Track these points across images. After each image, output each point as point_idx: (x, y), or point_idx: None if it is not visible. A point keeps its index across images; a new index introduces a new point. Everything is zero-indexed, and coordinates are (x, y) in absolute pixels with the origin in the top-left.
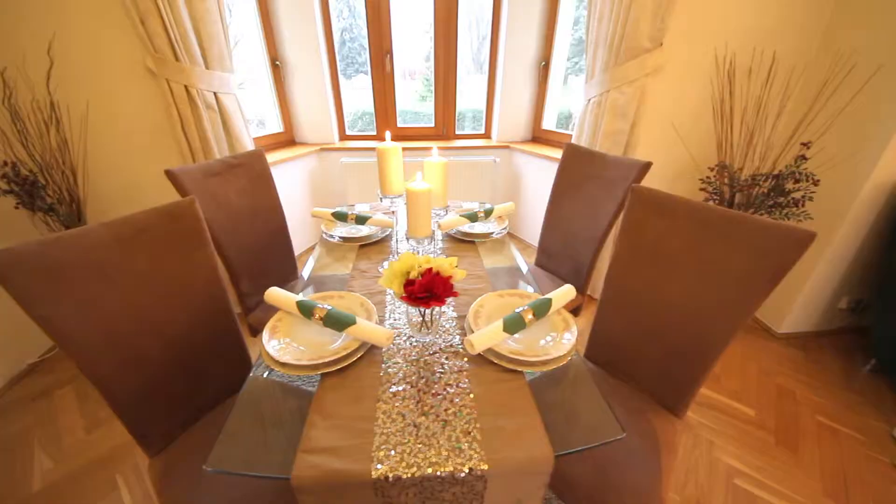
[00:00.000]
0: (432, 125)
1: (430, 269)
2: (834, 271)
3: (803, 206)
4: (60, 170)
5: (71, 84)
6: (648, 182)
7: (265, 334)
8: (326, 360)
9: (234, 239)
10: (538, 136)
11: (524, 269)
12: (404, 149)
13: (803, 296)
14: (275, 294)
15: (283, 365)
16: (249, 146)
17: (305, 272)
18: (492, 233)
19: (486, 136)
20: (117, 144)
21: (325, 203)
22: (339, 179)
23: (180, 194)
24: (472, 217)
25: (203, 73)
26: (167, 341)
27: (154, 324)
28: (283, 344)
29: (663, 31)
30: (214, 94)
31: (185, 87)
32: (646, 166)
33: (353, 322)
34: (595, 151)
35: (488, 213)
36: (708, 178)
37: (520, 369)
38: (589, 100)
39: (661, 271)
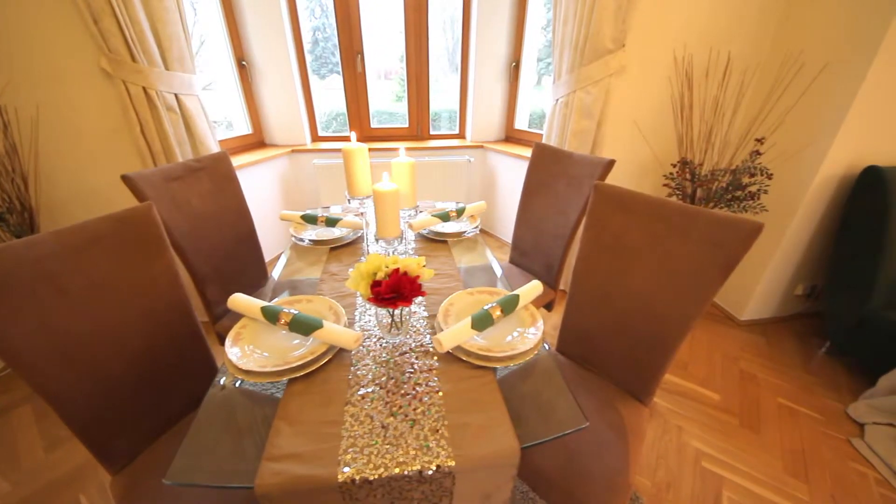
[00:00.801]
0: (407, 125)
1: (396, 270)
2: (789, 260)
3: (759, 199)
4: (10, 177)
5: (19, 86)
6: (616, 179)
7: (228, 342)
8: (292, 365)
9: (198, 245)
10: (511, 136)
11: (495, 266)
12: (379, 149)
13: (762, 284)
14: (239, 300)
15: (247, 373)
16: (214, 149)
17: (274, 277)
18: (464, 232)
19: (461, 136)
20: (72, 149)
21: (298, 206)
22: (312, 181)
23: (138, 200)
24: (444, 217)
25: (162, 75)
26: (127, 353)
27: (112, 336)
28: (247, 351)
29: (625, 32)
30: (175, 95)
31: (144, 88)
32: (609, 164)
33: (320, 326)
34: (562, 150)
35: (460, 212)
36: (671, 173)
37: (488, 365)
38: (557, 100)
39: (624, 265)
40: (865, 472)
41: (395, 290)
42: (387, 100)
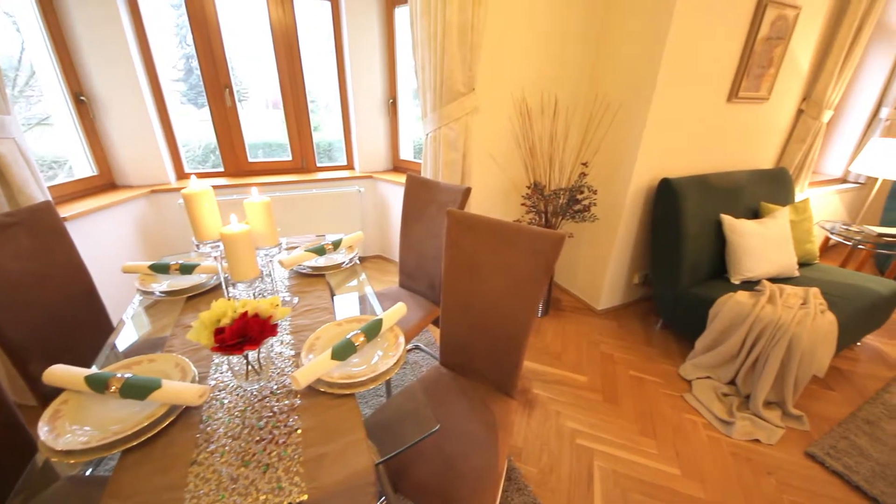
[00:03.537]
0: (290, 159)
1: (244, 314)
2: (624, 256)
3: (590, 210)
4: None
5: None
6: (485, 203)
7: (41, 422)
8: (123, 435)
9: (12, 315)
10: (398, 166)
11: (370, 293)
12: (260, 184)
13: (608, 278)
14: (56, 372)
15: (68, 454)
16: (40, 198)
17: (117, 340)
18: (342, 263)
19: (350, 167)
20: None
21: (164, 252)
22: (180, 224)
23: None
24: (320, 251)
25: None
26: None
27: None
28: (68, 429)
29: (473, 78)
30: None
31: None
32: (467, 191)
33: (158, 386)
34: (429, 180)
35: (336, 244)
36: (526, 195)
37: (350, 392)
38: (427, 134)
39: (478, 278)
40: (695, 420)
41: (241, 335)
42: (277, 130)
